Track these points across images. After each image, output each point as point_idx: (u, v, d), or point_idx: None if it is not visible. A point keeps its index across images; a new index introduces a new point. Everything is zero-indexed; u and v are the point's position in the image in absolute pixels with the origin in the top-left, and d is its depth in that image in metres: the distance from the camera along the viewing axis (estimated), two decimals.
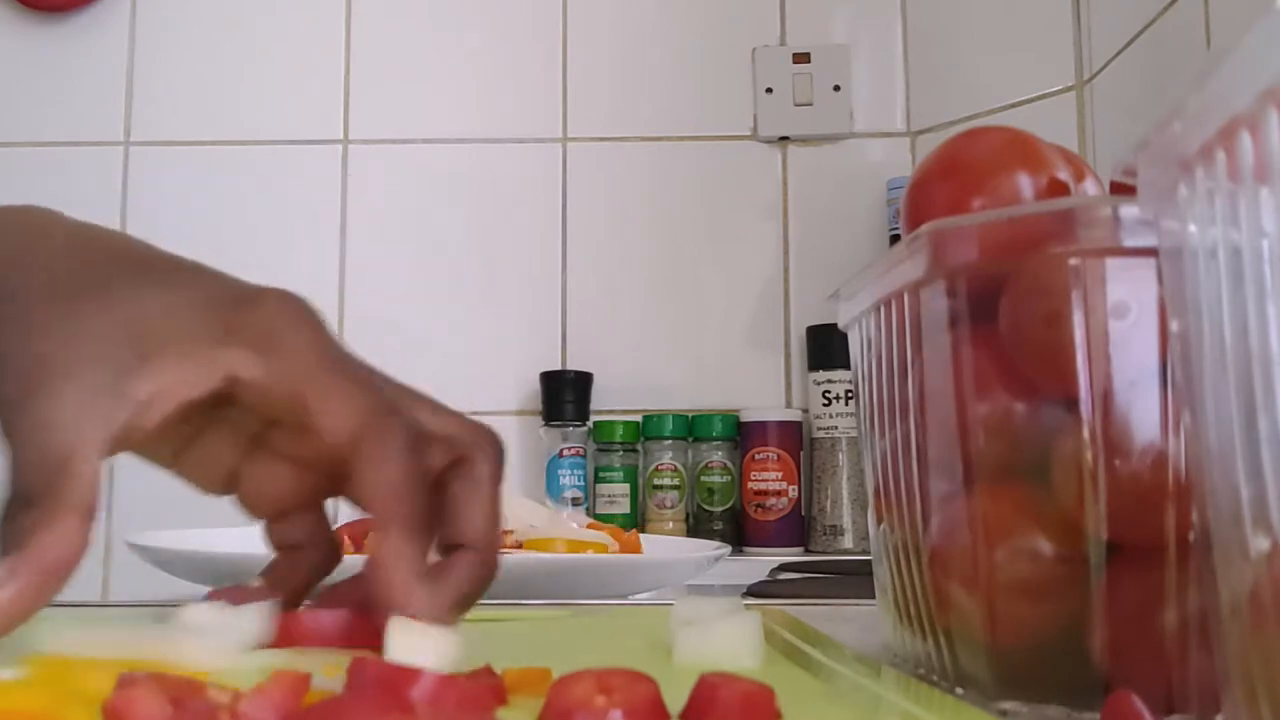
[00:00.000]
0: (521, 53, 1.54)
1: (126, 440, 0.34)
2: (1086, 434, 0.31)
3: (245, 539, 0.78)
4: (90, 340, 0.34)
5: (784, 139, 1.52)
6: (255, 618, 0.33)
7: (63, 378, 0.32)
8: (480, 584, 0.37)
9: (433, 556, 0.36)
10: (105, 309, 0.35)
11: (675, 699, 0.27)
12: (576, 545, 0.69)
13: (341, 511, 1.08)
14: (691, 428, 1.44)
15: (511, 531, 0.70)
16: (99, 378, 0.33)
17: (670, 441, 1.42)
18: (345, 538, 0.71)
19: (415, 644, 0.30)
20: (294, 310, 0.37)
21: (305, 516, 0.40)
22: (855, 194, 1.51)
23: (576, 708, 0.26)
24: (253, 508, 0.40)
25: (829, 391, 1.40)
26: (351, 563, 0.39)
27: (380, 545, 0.34)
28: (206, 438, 0.39)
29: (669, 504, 1.41)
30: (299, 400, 0.36)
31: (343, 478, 0.36)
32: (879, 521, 0.40)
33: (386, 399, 0.37)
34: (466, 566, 0.37)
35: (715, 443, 1.42)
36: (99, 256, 0.38)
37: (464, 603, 0.36)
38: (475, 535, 0.37)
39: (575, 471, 1.40)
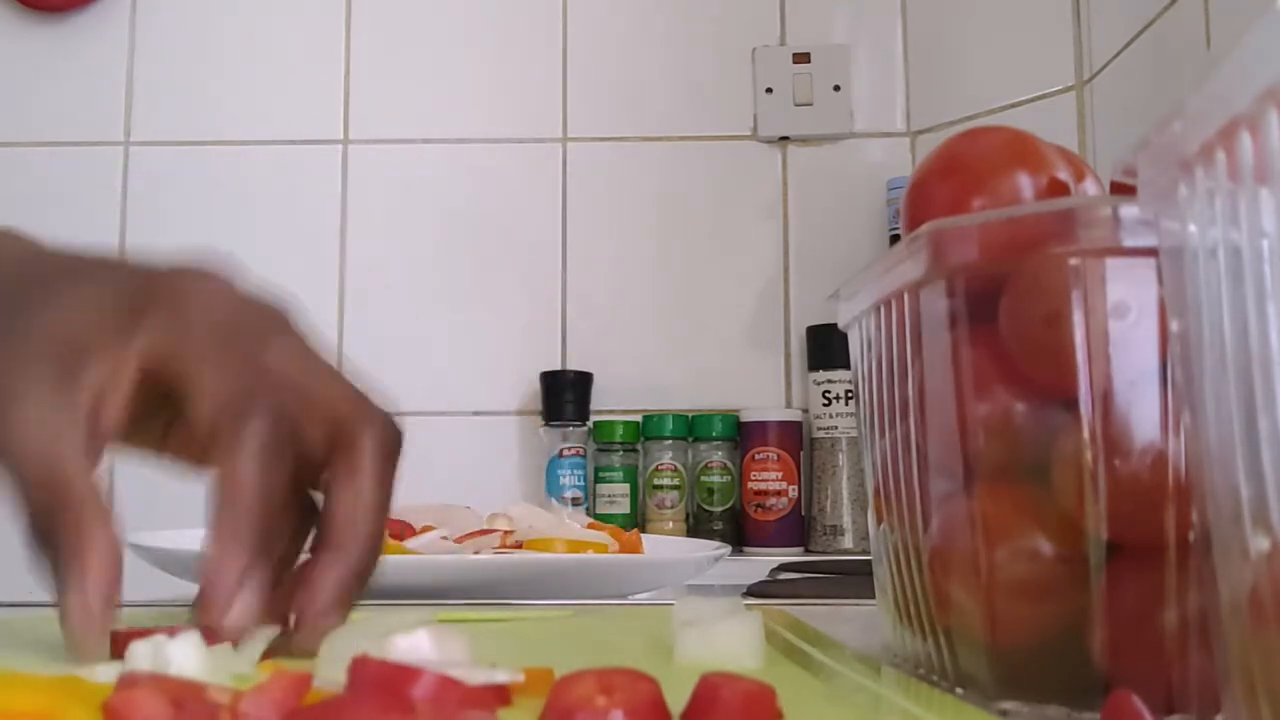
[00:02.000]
0: (521, 53, 1.54)
1: (99, 440, 0.36)
2: (1086, 434, 0.31)
3: None
4: (26, 359, 0.36)
5: (784, 139, 1.52)
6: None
7: (15, 401, 0.35)
8: (338, 586, 0.35)
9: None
10: (30, 324, 0.37)
11: (676, 699, 0.27)
12: (577, 545, 0.69)
13: None
14: (691, 428, 1.44)
15: (511, 532, 0.70)
16: (46, 395, 0.35)
17: (670, 441, 1.42)
18: None
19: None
20: (196, 286, 0.38)
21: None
22: (855, 194, 1.51)
23: (578, 707, 0.26)
24: None
25: (829, 391, 1.40)
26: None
27: (205, 550, 0.34)
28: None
29: (669, 504, 1.41)
30: (181, 380, 0.36)
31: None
32: (879, 521, 0.40)
33: (257, 379, 0.36)
34: (320, 569, 0.36)
35: (715, 443, 1.42)
36: (10, 270, 0.40)
37: (322, 609, 0.35)
38: (336, 534, 0.36)
39: (575, 471, 1.40)
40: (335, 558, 0.36)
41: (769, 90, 1.52)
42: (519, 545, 0.69)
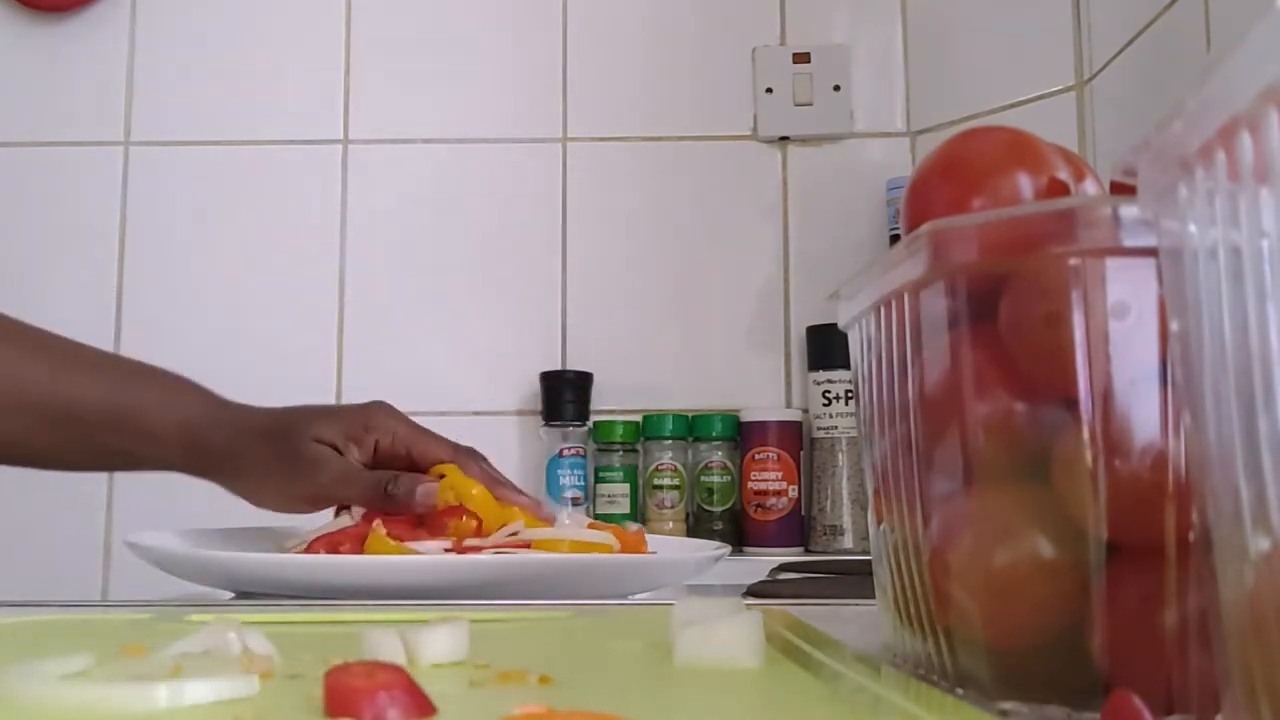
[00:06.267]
0: (521, 53, 1.54)
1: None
2: (1086, 434, 0.31)
3: (243, 539, 0.78)
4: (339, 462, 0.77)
5: (784, 139, 1.52)
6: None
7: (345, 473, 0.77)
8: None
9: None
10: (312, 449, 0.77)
11: (676, 699, 0.27)
12: (580, 546, 0.69)
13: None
14: (691, 428, 1.44)
15: (517, 533, 0.70)
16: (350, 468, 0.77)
17: (670, 441, 1.42)
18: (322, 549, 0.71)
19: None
20: (373, 408, 0.79)
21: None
22: (855, 194, 1.51)
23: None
24: None
25: (829, 391, 1.40)
26: None
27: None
28: None
29: (669, 504, 1.41)
30: (411, 444, 0.77)
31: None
32: (879, 521, 0.40)
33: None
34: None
35: (715, 443, 1.42)
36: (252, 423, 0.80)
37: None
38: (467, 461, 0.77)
39: (575, 471, 1.40)
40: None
41: (769, 90, 1.52)
42: (527, 545, 0.69)
